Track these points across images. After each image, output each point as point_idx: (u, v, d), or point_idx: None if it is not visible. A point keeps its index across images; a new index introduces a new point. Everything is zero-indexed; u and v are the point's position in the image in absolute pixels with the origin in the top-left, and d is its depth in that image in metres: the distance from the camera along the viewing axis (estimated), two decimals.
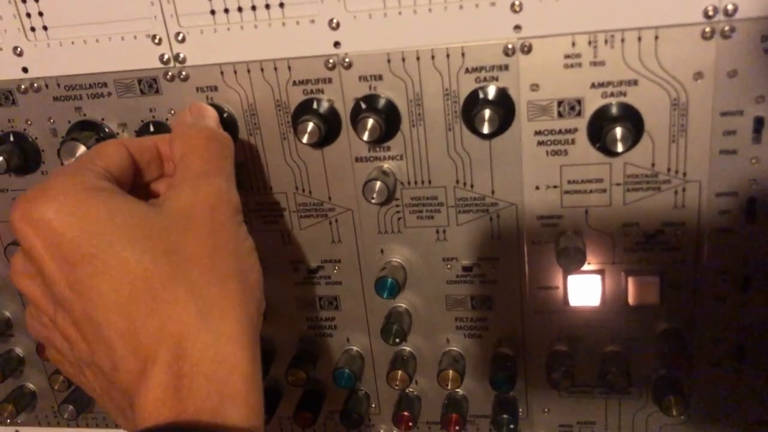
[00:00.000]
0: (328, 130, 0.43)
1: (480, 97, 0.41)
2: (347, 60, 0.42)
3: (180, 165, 0.37)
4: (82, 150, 0.45)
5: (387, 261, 0.47)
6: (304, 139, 0.42)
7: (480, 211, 0.44)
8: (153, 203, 0.36)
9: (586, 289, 0.45)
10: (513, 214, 0.44)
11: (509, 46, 0.40)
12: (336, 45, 0.42)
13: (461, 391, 0.50)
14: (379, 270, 0.46)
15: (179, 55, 0.44)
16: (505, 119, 0.41)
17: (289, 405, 0.52)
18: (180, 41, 0.43)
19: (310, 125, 0.42)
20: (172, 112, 0.45)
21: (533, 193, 0.43)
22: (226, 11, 0.42)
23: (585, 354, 0.47)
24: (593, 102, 0.40)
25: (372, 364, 0.51)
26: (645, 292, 0.43)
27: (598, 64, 0.39)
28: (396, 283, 0.45)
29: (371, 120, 0.41)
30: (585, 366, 0.47)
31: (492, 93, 0.41)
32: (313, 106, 0.43)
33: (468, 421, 0.50)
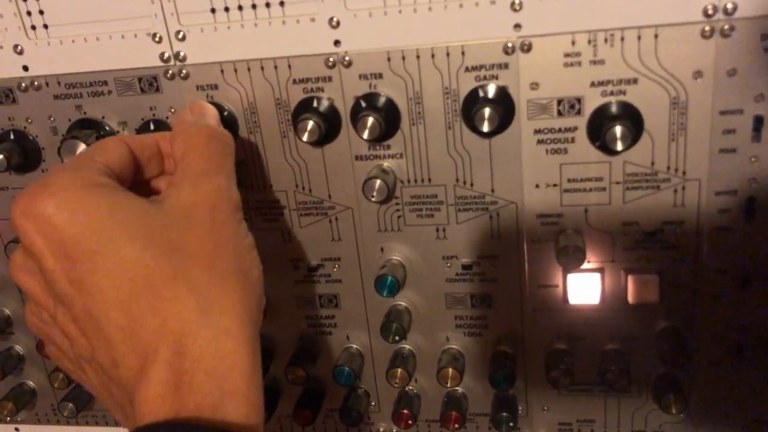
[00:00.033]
0: (328, 128, 0.43)
1: (480, 96, 0.41)
2: (347, 58, 0.42)
3: (181, 163, 0.38)
4: (82, 148, 0.45)
5: (387, 259, 0.47)
6: (304, 138, 0.42)
7: (480, 210, 0.44)
8: (153, 200, 0.36)
9: (585, 288, 0.45)
10: (513, 212, 0.44)
11: (509, 44, 0.40)
12: (336, 43, 0.42)
13: (461, 389, 0.50)
14: (379, 268, 0.46)
15: (179, 54, 0.44)
16: (505, 118, 0.41)
17: (289, 403, 0.52)
18: (180, 39, 0.44)
19: (310, 123, 0.42)
20: (172, 110, 0.46)
21: (533, 192, 0.43)
22: (226, 9, 0.42)
23: (584, 352, 0.47)
24: (593, 100, 0.40)
25: (372, 362, 0.51)
26: (644, 290, 0.43)
27: (597, 62, 0.39)
28: (396, 282, 0.45)
29: (371, 118, 0.41)
30: (584, 364, 0.47)
31: (492, 91, 0.41)
32: (313, 104, 0.43)
33: (467, 419, 0.50)
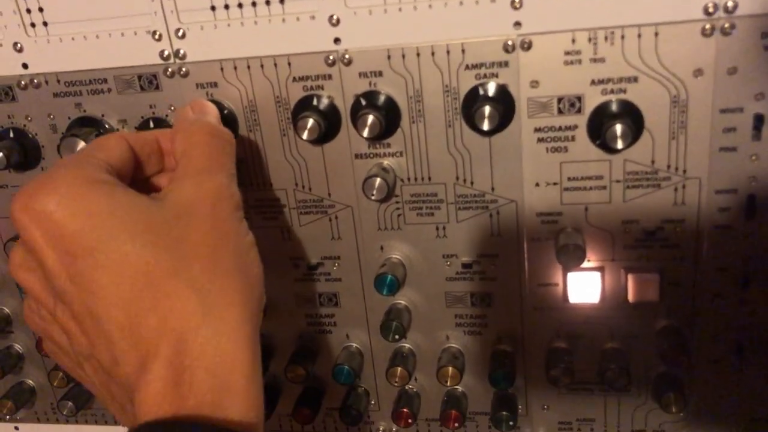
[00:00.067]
0: (327, 126, 0.43)
1: (480, 94, 0.41)
2: (347, 56, 0.42)
3: (182, 161, 0.38)
4: (81, 146, 0.44)
5: (387, 258, 0.47)
6: (304, 136, 0.42)
7: (480, 208, 0.44)
8: (154, 197, 0.36)
9: (585, 286, 0.45)
10: (513, 211, 0.44)
11: (509, 42, 0.40)
12: (336, 41, 0.42)
13: (460, 388, 0.50)
14: (379, 267, 0.46)
15: (179, 51, 0.44)
16: (505, 116, 0.41)
17: (289, 401, 0.52)
18: (180, 37, 0.43)
19: (310, 122, 0.42)
20: (172, 108, 0.45)
21: (533, 190, 0.43)
22: (226, 7, 0.42)
23: (584, 351, 0.47)
24: (593, 99, 0.40)
25: (371, 360, 0.51)
26: (645, 289, 0.43)
27: (598, 60, 0.39)
28: (395, 280, 0.45)
29: (371, 116, 0.41)
30: (584, 363, 0.47)
31: (492, 90, 0.41)
32: (313, 102, 0.43)
33: (467, 418, 0.50)
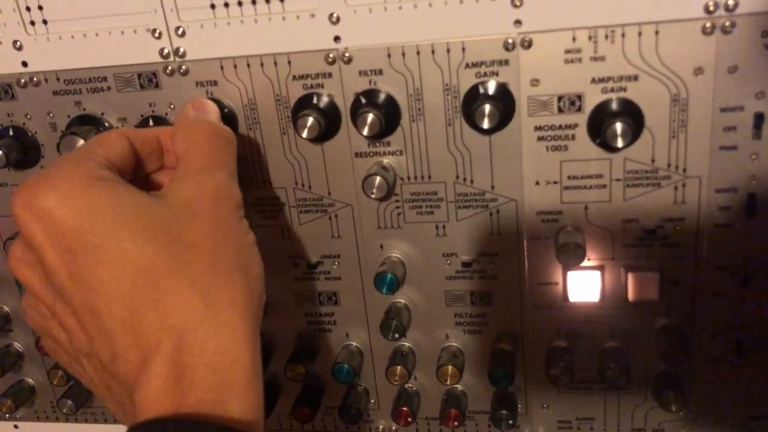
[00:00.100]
0: (327, 125, 0.43)
1: (480, 92, 0.41)
2: (347, 54, 0.42)
3: (183, 159, 0.38)
4: (81, 144, 0.44)
5: (386, 256, 0.47)
6: (303, 134, 0.42)
7: (480, 207, 0.44)
8: (155, 195, 0.36)
9: (585, 285, 0.45)
10: (513, 209, 0.44)
11: (509, 41, 0.39)
12: (336, 39, 0.42)
13: (460, 387, 0.50)
14: (379, 265, 0.46)
15: (179, 50, 0.44)
16: (505, 114, 0.41)
17: (288, 400, 0.52)
18: (180, 35, 0.43)
19: (309, 120, 0.42)
20: (171, 106, 0.45)
21: (533, 189, 0.43)
22: (226, 5, 0.42)
23: (584, 350, 0.47)
24: (593, 97, 0.40)
25: (371, 359, 0.51)
26: (644, 287, 0.43)
27: (598, 59, 0.39)
28: (395, 279, 0.45)
29: (371, 115, 0.41)
30: (584, 362, 0.47)
31: (492, 88, 0.41)
32: (313, 100, 0.43)
33: (467, 417, 0.50)
